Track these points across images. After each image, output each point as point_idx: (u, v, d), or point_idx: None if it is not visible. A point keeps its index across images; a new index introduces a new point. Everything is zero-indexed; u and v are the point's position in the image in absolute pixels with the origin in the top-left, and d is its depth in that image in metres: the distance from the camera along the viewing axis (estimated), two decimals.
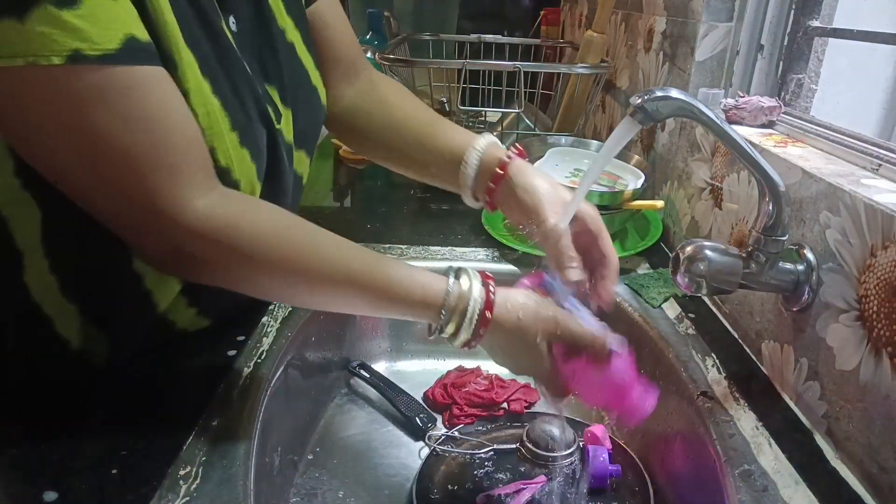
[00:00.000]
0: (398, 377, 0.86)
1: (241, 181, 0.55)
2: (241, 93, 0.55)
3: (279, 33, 0.63)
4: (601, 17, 1.21)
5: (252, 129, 0.55)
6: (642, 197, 0.90)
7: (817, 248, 0.58)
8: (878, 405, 0.50)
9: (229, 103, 0.53)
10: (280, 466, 0.65)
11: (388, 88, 0.76)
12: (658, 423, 0.72)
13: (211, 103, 0.51)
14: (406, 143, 0.71)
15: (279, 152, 0.60)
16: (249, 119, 0.55)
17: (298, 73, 0.66)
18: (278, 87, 0.61)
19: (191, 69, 0.49)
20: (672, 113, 0.53)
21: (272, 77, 0.61)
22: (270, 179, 0.60)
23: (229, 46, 0.54)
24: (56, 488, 0.47)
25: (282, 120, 0.61)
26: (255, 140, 0.56)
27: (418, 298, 0.53)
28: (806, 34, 0.80)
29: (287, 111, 0.62)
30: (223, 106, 0.52)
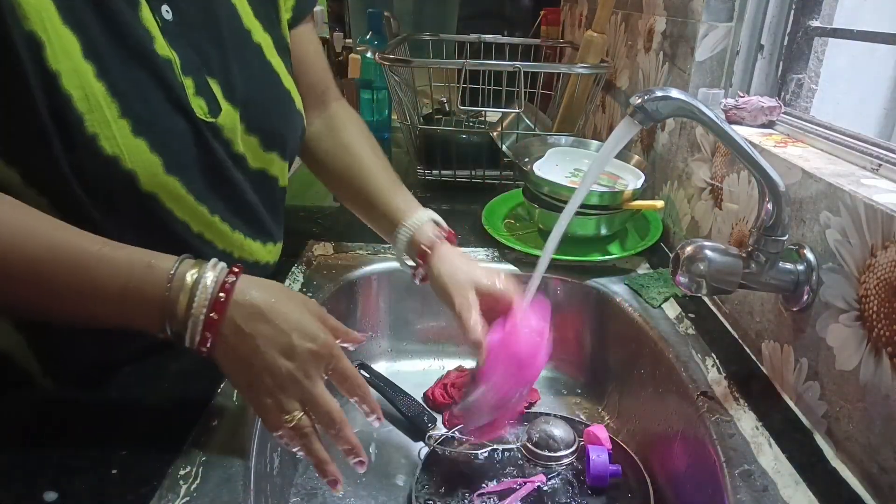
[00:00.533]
0: (398, 377, 0.86)
1: (136, 171, 0.53)
2: (143, 81, 0.53)
3: (239, 32, 0.63)
4: (601, 17, 1.21)
5: (156, 119, 0.54)
6: (642, 197, 0.90)
7: (817, 248, 0.58)
8: (878, 405, 0.50)
9: (120, 90, 0.51)
10: (280, 466, 0.65)
11: (351, 133, 0.78)
12: (658, 423, 0.72)
13: (91, 87, 0.49)
14: (356, 194, 0.75)
15: (210, 147, 0.59)
16: (152, 109, 0.54)
17: (265, 74, 0.66)
18: (222, 82, 0.60)
19: (65, 51, 0.48)
20: (672, 113, 0.53)
21: (215, 71, 0.59)
22: (207, 175, 0.59)
23: (137, 34, 0.53)
24: (56, 488, 0.47)
25: (220, 115, 0.59)
26: (160, 131, 0.54)
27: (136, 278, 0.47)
28: (806, 34, 0.80)
29: (232, 108, 0.61)
30: (109, 92, 0.50)
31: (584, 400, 0.87)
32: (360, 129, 0.79)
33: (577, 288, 0.87)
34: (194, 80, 0.57)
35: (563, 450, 0.70)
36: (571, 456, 0.70)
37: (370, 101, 1.55)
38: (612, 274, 0.87)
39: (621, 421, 0.81)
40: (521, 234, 0.97)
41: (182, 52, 0.56)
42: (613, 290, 0.83)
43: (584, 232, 0.90)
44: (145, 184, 0.54)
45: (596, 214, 0.88)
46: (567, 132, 1.21)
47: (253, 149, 0.64)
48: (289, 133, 0.69)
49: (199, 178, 0.59)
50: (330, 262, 0.88)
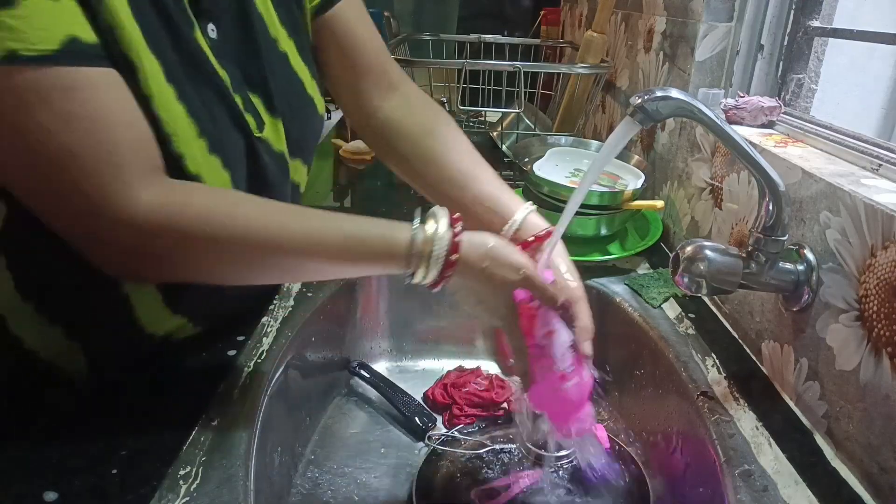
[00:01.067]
0: (398, 377, 0.86)
1: None
2: (210, 101, 0.54)
3: (269, 42, 0.63)
4: (601, 17, 1.21)
5: (223, 136, 0.55)
6: (642, 197, 0.90)
7: (817, 248, 0.58)
8: (878, 405, 0.50)
9: (196, 110, 0.52)
10: (280, 466, 0.65)
11: (430, 115, 0.73)
12: (658, 423, 0.72)
13: (175, 109, 0.51)
14: (443, 179, 0.70)
15: (261, 161, 0.60)
16: (219, 127, 0.55)
17: (292, 83, 0.65)
18: (262, 96, 0.61)
19: (153, 75, 0.49)
20: (672, 113, 0.53)
21: (255, 86, 0.60)
22: (255, 189, 0.60)
23: (199, 55, 0.54)
24: (56, 488, 0.47)
25: (265, 128, 0.60)
26: (228, 148, 0.56)
27: (382, 251, 0.52)
28: (806, 34, 0.80)
29: (274, 120, 0.62)
30: (188, 112, 0.52)
31: None
32: (439, 110, 0.75)
33: None
34: (241, 97, 0.58)
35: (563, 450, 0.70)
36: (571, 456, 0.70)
37: None
38: (612, 274, 0.87)
39: (621, 421, 0.81)
40: None
41: (229, 70, 0.57)
42: (613, 290, 0.83)
43: (584, 232, 0.90)
44: None
45: (596, 214, 0.88)
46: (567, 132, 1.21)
47: (287, 153, 0.65)
48: (312, 140, 0.70)
49: (252, 191, 0.59)
50: None
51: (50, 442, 0.52)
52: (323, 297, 0.80)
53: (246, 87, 0.59)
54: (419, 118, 0.72)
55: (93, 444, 0.52)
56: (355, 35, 0.70)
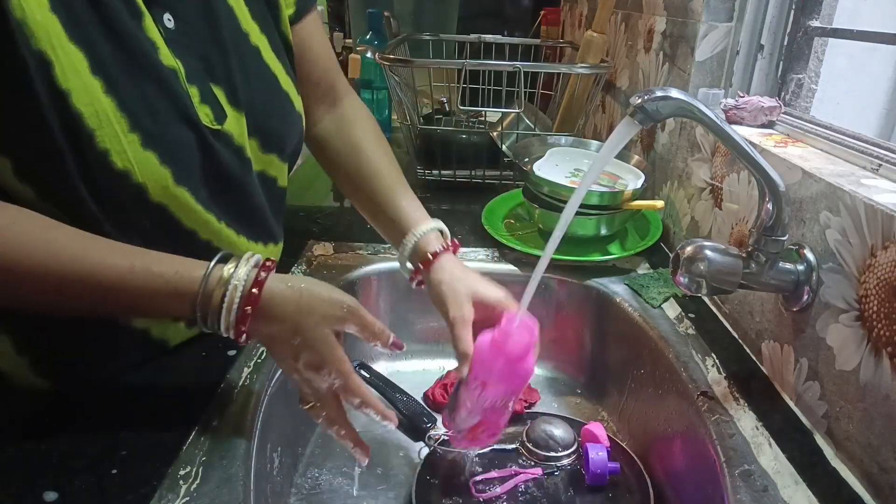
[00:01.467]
0: (398, 377, 0.86)
1: (147, 184, 0.53)
2: (152, 94, 0.53)
3: (240, 35, 0.63)
4: (601, 17, 1.21)
5: (163, 130, 0.54)
6: (642, 197, 0.90)
7: (817, 248, 0.58)
8: (878, 405, 0.50)
9: (129, 104, 0.51)
10: (280, 466, 0.65)
11: (361, 133, 0.76)
12: (658, 423, 0.72)
13: (100, 103, 0.50)
14: (364, 196, 0.74)
15: (217, 154, 0.59)
16: (160, 121, 0.54)
17: (264, 77, 0.65)
18: (226, 88, 0.60)
19: (73, 68, 0.48)
20: (672, 113, 0.53)
21: (219, 77, 0.59)
22: (211, 182, 0.59)
23: (143, 45, 0.53)
24: (56, 488, 0.47)
25: (226, 121, 0.60)
26: (169, 142, 0.55)
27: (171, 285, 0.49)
28: (806, 34, 0.80)
29: (238, 113, 0.61)
30: (118, 106, 0.51)
31: (584, 400, 0.87)
32: (370, 127, 0.78)
33: (577, 288, 0.87)
34: (199, 88, 0.57)
35: (563, 450, 0.70)
36: (571, 456, 0.70)
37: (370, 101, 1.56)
38: (612, 274, 0.87)
39: (621, 421, 0.81)
40: (521, 234, 0.97)
41: (186, 61, 0.56)
42: (613, 290, 0.83)
43: (584, 232, 0.90)
44: (155, 196, 0.54)
45: (596, 214, 0.88)
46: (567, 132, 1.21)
47: (253, 151, 0.64)
48: (287, 134, 0.69)
49: (205, 186, 0.59)
50: (330, 262, 0.88)
51: (50, 442, 0.52)
52: None
53: (207, 79, 0.58)
54: (350, 134, 0.76)
55: (93, 444, 0.52)
56: (311, 48, 0.73)
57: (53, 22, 0.47)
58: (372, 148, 0.75)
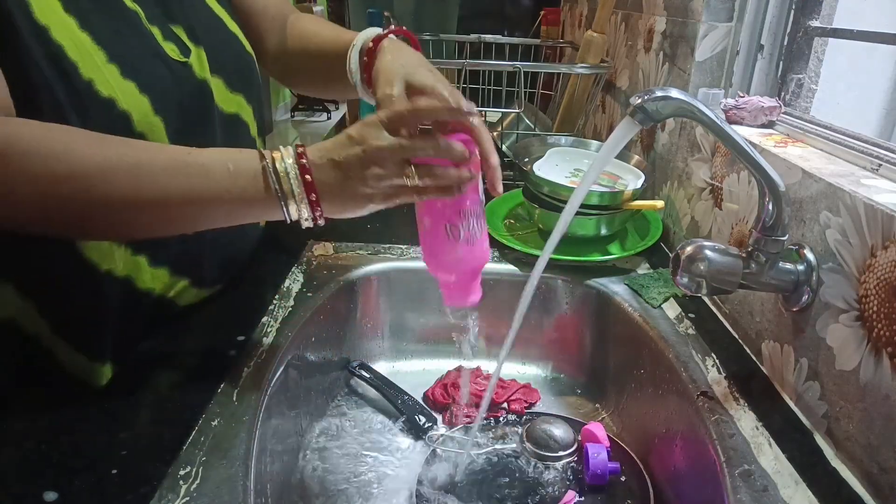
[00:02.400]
0: (398, 377, 0.86)
1: (131, 113, 0.56)
2: (122, 31, 0.57)
3: None
4: (601, 17, 1.21)
5: (138, 62, 0.57)
6: (642, 197, 0.90)
7: (817, 248, 0.58)
8: (878, 405, 0.50)
9: (103, 39, 0.54)
10: (280, 466, 0.65)
11: (305, 23, 0.79)
12: (658, 423, 0.72)
13: (77, 37, 0.52)
14: (317, 64, 0.74)
15: (186, 86, 0.62)
16: (134, 54, 0.57)
17: (211, 20, 0.69)
18: (185, 27, 0.64)
19: (48, 6, 0.51)
20: (672, 113, 0.53)
21: (177, 18, 0.63)
22: (182, 116, 0.61)
23: None
24: (56, 488, 0.47)
25: (191, 55, 0.63)
26: (145, 74, 0.57)
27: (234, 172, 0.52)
28: (806, 34, 0.80)
29: (197, 48, 0.64)
30: (94, 40, 0.53)
31: (584, 400, 0.87)
32: (315, 19, 0.81)
33: (577, 288, 0.87)
34: (160, 28, 0.61)
35: (563, 450, 0.70)
36: (571, 456, 0.70)
37: None
38: (612, 274, 0.87)
39: (621, 421, 0.81)
40: (521, 234, 0.97)
41: (144, 4, 0.60)
42: (613, 290, 0.83)
43: (584, 232, 0.90)
44: (137, 124, 0.56)
45: (596, 214, 0.88)
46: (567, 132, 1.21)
47: (221, 90, 0.67)
48: (246, 72, 0.72)
49: (178, 120, 0.61)
50: (330, 262, 0.88)
51: (50, 442, 0.52)
52: (323, 297, 0.80)
53: (167, 20, 0.62)
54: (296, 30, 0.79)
55: (93, 444, 0.52)
56: None
57: None
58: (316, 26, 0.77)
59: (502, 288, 0.88)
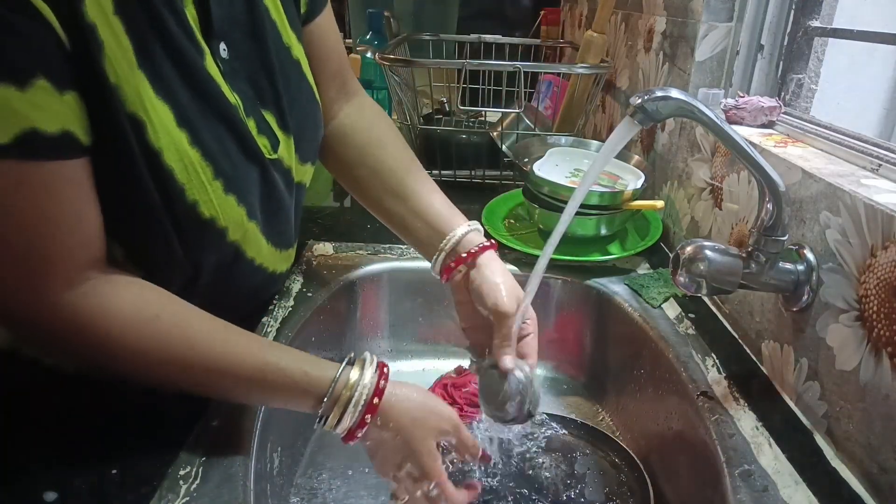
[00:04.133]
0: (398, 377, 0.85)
1: (228, 227, 0.54)
2: (223, 136, 0.53)
3: (283, 51, 0.61)
4: (601, 17, 1.21)
5: (238, 173, 0.54)
6: (642, 197, 0.90)
7: (817, 248, 0.58)
8: (878, 405, 0.50)
9: (210, 152, 0.51)
10: (280, 466, 0.65)
11: (381, 127, 0.74)
12: (658, 423, 0.72)
13: (188, 156, 0.50)
14: (386, 191, 0.70)
15: (274, 182, 0.59)
16: (234, 162, 0.54)
17: (304, 91, 0.64)
18: (276, 112, 0.59)
19: (163, 125, 0.48)
20: (672, 113, 0.53)
21: (269, 102, 0.59)
22: (267, 212, 0.60)
23: (212, 85, 0.52)
24: (56, 488, 0.47)
25: (279, 148, 0.59)
26: (243, 183, 0.55)
27: (298, 385, 0.52)
28: (806, 34, 0.80)
29: (287, 137, 0.61)
30: (203, 156, 0.51)
31: (584, 400, 0.87)
32: (389, 123, 0.76)
33: (577, 288, 0.87)
34: (255, 119, 0.57)
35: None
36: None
37: None
38: (612, 274, 0.87)
39: (621, 421, 0.81)
40: (521, 234, 0.97)
41: (241, 92, 0.55)
42: (613, 290, 0.83)
43: (584, 232, 0.90)
44: (231, 234, 0.55)
45: (596, 214, 0.88)
46: (567, 132, 1.21)
47: (297, 166, 0.64)
48: (319, 141, 0.69)
49: (264, 214, 0.59)
50: (330, 262, 0.88)
51: (50, 442, 0.52)
52: (323, 297, 0.80)
53: (259, 106, 0.57)
54: (370, 127, 0.73)
55: (93, 444, 0.52)
56: (327, 45, 0.70)
57: (142, 79, 0.46)
58: (397, 145, 0.73)
59: None
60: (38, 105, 0.41)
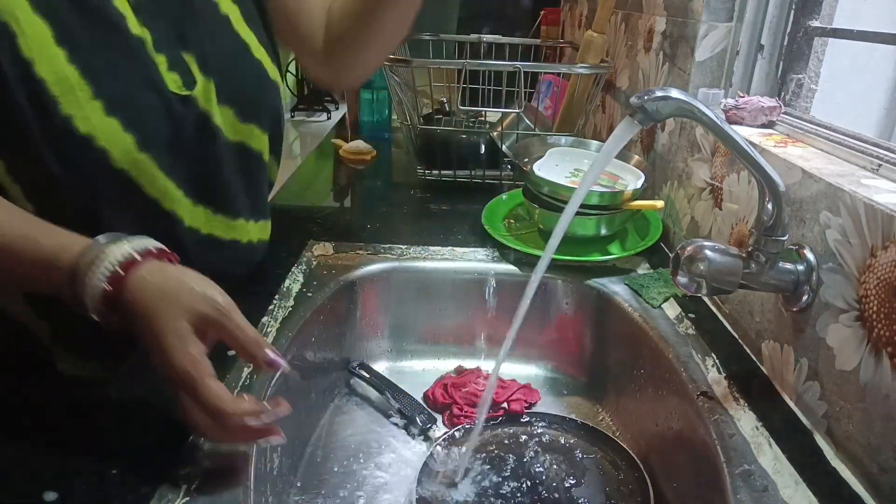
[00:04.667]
0: (398, 377, 0.86)
1: (110, 150, 0.55)
2: (117, 62, 0.55)
3: (210, 4, 0.63)
4: (601, 17, 1.21)
5: (130, 97, 0.55)
6: (642, 197, 0.90)
7: (817, 248, 0.58)
8: (878, 405, 0.50)
9: (93, 72, 0.53)
10: (280, 466, 0.65)
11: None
12: (658, 423, 0.72)
13: (63, 71, 0.51)
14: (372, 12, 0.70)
15: (180, 119, 0.60)
16: (126, 88, 0.55)
17: (235, 44, 0.66)
18: (197, 55, 0.61)
19: (37, 39, 0.50)
20: (672, 113, 0.53)
21: (190, 44, 0.61)
22: (180, 152, 0.60)
23: (110, 15, 0.54)
24: (56, 488, 0.47)
25: (196, 87, 0.61)
26: (135, 108, 0.56)
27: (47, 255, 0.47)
28: (806, 34, 0.80)
29: (206, 79, 0.62)
30: (82, 74, 0.52)
31: (584, 400, 0.87)
32: None
33: (577, 288, 0.87)
34: (168, 56, 0.58)
35: None
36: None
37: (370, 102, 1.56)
38: (612, 274, 0.87)
39: (621, 421, 0.81)
40: (521, 234, 0.97)
41: (155, 28, 0.58)
42: (613, 290, 0.83)
43: (584, 232, 0.90)
44: (117, 161, 0.55)
45: (596, 214, 0.88)
46: (567, 132, 1.21)
47: (230, 120, 0.65)
48: (264, 101, 0.69)
49: (170, 154, 0.60)
50: (330, 262, 0.88)
51: (50, 442, 0.52)
52: (323, 297, 0.80)
53: (178, 46, 0.60)
54: None
55: (93, 444, 0.52)
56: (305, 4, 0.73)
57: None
58: None
59: (502, 288, 0.88)
60: None
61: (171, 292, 0.46)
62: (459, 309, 0.91)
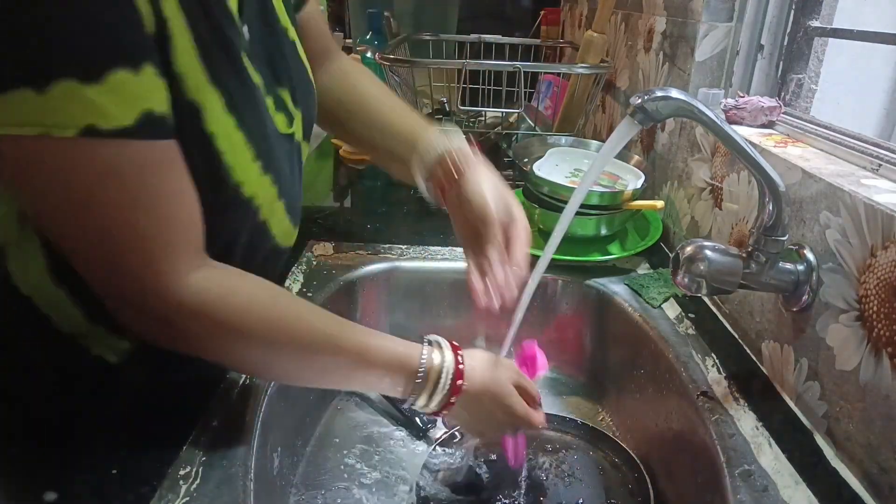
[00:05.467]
0: None
1: (261, 206, 0.55)
2: (259, 117, 0.54)
3: (283, 33, 0.62)
4: (601, 17, 1.21)
5: (271, 152, 0.55)
6: (642, 197, 0.90)
7: (817, 248, 0.58)
8: (878, 405, 0.50)
9: (252, 134, 0.52)
10: (280, 466, 0.65)
11: (361, 76, 0.77)
12: (658, 423, 0.72)
13: (235, 138, 0.50)
14: (368, 124, 0.73)
15: (293, 158, 0.60)
16: (270, 144, 0.55)
17: (305, 72, 0.65)
18: (290, 90, 0.60)
19: (215, 110, 0.48)
20: (672, 113, 0.53)
21: (283, 80, 0.60)
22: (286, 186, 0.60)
23: (245, 71, 0.53)
24: (56, 488, 0.47)
25: (294, 123, 0.60)
26: (277, 162, 0.56)
27: (395, 364, 0.55)
28: (806, 34, 0.80)
29: (297, 112, 0.62)
30: (246, 139, 0.51)
31: (584, 400, 0.87)
32: (367, 73, 0.79)
33: (577, 288, 0.87)
34: (273, 98, 0.57)
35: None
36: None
37: None
38: (612, 274, 0.87)
39: (621, 421, 0.81)
40: None
41: (260, 69, 0.56)
42: (613, 290, 0.83)
43: (584, 232, 0.90)
44: (264, 213, 0.56)
45: (596, 214, 0.88)
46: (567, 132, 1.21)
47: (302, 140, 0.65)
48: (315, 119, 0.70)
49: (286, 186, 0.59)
50: (330, 262, 0.88)
51: (50, 442, 0.52)
52: (323, 297, 0.80)
53: (275, 84, 0.59)
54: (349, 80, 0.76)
55: (93, 444, 0.52)
56: (312, 24, 0.73)
57: (199, 66, 0.47)
58: (372, 83, 0.76)
59: None
60: (148, 87, 0.43)
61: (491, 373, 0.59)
62: (459, 309, 0.91)
